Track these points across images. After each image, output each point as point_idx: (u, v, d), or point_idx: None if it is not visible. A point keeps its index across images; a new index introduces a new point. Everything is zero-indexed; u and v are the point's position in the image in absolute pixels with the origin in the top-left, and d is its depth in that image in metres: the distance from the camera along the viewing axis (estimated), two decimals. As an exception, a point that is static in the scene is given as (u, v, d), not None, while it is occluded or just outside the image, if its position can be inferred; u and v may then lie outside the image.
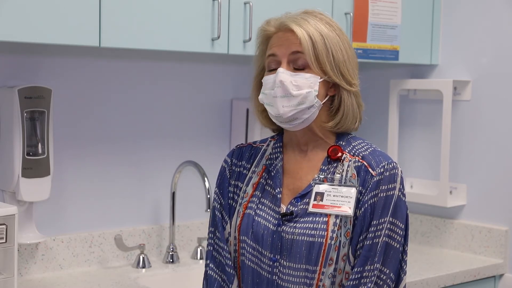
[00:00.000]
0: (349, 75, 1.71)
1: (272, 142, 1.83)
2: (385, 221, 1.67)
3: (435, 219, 3.11)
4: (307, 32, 1.67)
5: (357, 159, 1.72)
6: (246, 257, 1.74)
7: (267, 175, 1.78)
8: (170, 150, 2.82)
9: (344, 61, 1.70)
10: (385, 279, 1.67)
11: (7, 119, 2.35)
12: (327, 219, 1.67)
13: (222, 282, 1.77)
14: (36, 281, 2.44)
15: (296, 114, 1.69)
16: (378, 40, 2.90)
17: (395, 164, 1.71)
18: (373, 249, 1.65)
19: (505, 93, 2.92)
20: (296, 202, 1.72)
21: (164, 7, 2.32)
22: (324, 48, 1.68)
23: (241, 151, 1.85)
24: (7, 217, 2.06)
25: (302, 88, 1.67)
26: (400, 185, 1.70)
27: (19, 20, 2.03)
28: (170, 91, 2.82)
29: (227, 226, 1.79)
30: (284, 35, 1.70)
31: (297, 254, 1.68)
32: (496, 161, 2.95)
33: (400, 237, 1.69)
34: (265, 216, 1.73)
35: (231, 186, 1.82)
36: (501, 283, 2.93)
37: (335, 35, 1.71)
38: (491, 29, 2.96)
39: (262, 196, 1.76)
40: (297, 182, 1.75)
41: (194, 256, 2.80)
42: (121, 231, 2.69)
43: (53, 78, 2.51)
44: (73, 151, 2.58)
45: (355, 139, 1.77)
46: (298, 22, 1.69)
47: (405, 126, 3.21)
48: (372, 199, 1.67)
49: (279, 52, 1.70)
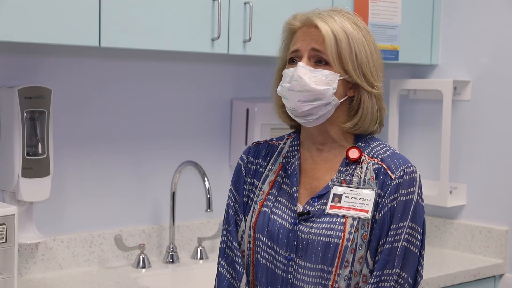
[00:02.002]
0: (372, 77, 1.69)
1: (289, 140, 1.81)
2: (405, 225, 1.66)
3: (435, 219, 3.11)
4: (331, 29, 1.67)
5: (376, 161, 1.70)
6: (261, 255, 1.73)
7: (283, 174, 1.77)
8: (170, 150, 2.82)
9: (367, 62, 1.69)
10: (403, 284, 1.66)
11: (7, 119, 2.35)
12: (344, 221, 1.66)
13: (232, 279, 1.76)
14: (36, 281, 2.44)
15: (311, 109, 1.67)
16: (378, 40, 2.85)
17: (415, 167, 1.70)
18: (392, 253, 1.65)
19: (505, 93, 2.92)
20: (313, 202, 1.71)
21: (164, 7, 2.32)
22: (348, 47, 1.67)
23: (257, 149, 1.83)
24: (7, 217, 2.06)
25: (319, 84, 1.66)
26: (419, 190, 1.69)
27: (19, 20, 2.03)
28: (170, 91, 2.82)
29: (242, 224, 1.78)
30: (309, 30, 1.70)
31: (313, 254, 1.67)
32: (496, 161, 2.95)
33: (418, 241, 1.68)
34: (281, 215, 1.72)
35: (247, 184, 1.80)
36: (501, 283, 2.93)
37: (360, 35, 1.69)
38: (491, 29, 2.96)
39: (279, 194, 1.75)
40: (315, 182, 1.74)
41: (194, 256, 2.79)
42: (121, 231, 2.69)
43: (53, 78, 2.50)
44: (73, 151, 2.58)
45: (374, 140, 1.76)
46: (324, 18, 1.68)
47: (405, 126, 3.21)
48: (392, 203, 1.66)
49: (302, 46, 1.69)
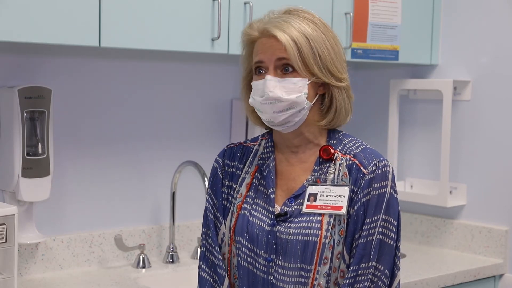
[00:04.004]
0: (338, 72, 1.70)
1: (263, 141, 1.82)
2: (379, 218, 1.68)
3: (435, 219, 3.11)
4: (290, 37, 1.66)
5: (348, 158, 1.72)
6: (241, 258, 1.75)
7: (259, 175, 1.78)
8: (170, 150, 2.82)
9: (331, 59, 1.69)
10: (380, 276, 1.68)
11: (7, 119, 2.35)
12: (321, 218, 1.68)
13: (214, 282, 1.78)
14: (36, 281, 2.44)
15: (287, 118, 1.69)
16: (378, 40, 2.90)
17: (386, 161, 1.72)
18: (367, 247, 1.67)
19: (505, 93, 2.92)
20: (290, 202, 1.73)
21: (164, 7, 2.32)
22: (310, 51, 1.67)
23: (232, 151, 1.84)
24: (7, 217, 2.06)
25: (291, 93, 1.67)
26: (392, 182, 1.71)
27: (19, 20, 2.03)
28: (170, 91, 2.82)
29: (222, 227, 1.79)
30: (269, 41, 1.69)
31: (292, 254, 1.69)
32: (496, 161, 2.95)
33: (393, 233, 1.70)
34: (260, 217, 1.74)
35: (225, 187, 1.81)
36: (501, 283, 2.93)
37: (319, 33, 1.69)
38: (491, 29, 2.96)
39: (256, 196, 1.77)
40: (291, 182, 1.76)
41: (194, 256, 2.79)
42: (121, 231, 2.69)
43: (53, 78, 2.50)
44: (73, 151, 2.58)
45: (346, 137, 1.78)
46: (281, 26, 1.67)
47: (405, 126, 3.21)
48: (365, 197, 1.68)
49: (265, 58, 1.69)
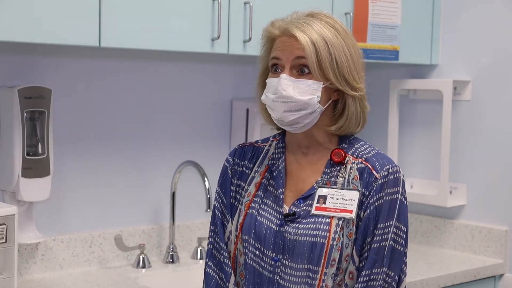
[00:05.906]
0: (354, 81, 1.70)
1: (274, 142, 1.83)
2: (391, 225, 1.68)
3: (435, 219, 3.11)
4: (310, 38, 1.66)
5: (360, 161, 1.72)
6: (248, 256, 1.75)
7: (269, 175, 1.78)
8: (170, 150, 2.82)
9: (348, 67, 1.69)
10: (390, 282, 1.69)
11: (7, 119, 2.35)
12: (329, 220, 1.69)
13: (220, 280, 1.78)
14: (36, 281, 2.44)
15: (297, 118, 1.69)
16: (378, 40, 2.90)
17: (398, 168, 1.72)
18: (380, 253, 1.67)
19: (505, 93, 2.92)
20: (298, 203, 1.73)
21: (164, 7, 2.32)
22: (328, 55, 1.67)
23: (243, 151, 1.85)
24: (7, 217, 2.06)
25: (304, 95, 1.67)
26: (403, 189, 1.72)
27: (19, 20, 2.03)
28: (170, 91, 2.82)
29: (229, 225, 1.80)
30: (288, 40, 1.70)
31: (299, 255, 1.69)
32: (496, 161, 2.95)
33: (403, 240, 1.71)
34: (268, 216, 1.74)
35: (234, 186, 1.82)
36: (501, 283, 2.93)
37: (340, 39, 1.69)
38: (491, 29, 2.96)
39: (265, 196, 1.77)
40: (300, 184, 1.76)
41: (194, 256, 2.79)
42: (121, 231, 2.69)
43: (53, 78, 2.50)
44: (73, 151, 2.58)
45: (357, 141, 1.78)
46: (302, 28, 1.68)
47: (405, 126, 3.21)
48: (377, 202, 1.68)
49: (283, 56, 1.70)
